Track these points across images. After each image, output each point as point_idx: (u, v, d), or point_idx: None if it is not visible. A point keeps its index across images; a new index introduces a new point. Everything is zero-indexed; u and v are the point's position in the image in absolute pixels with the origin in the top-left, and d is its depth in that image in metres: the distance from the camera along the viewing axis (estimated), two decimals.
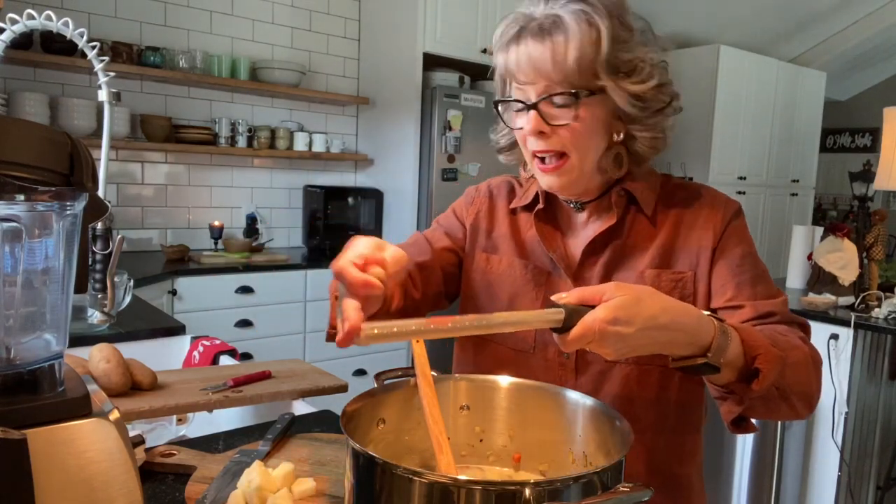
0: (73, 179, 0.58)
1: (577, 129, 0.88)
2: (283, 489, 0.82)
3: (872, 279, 2.70)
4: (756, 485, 2.56)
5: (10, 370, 0.58)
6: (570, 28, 0.85)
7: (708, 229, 0.94)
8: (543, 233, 1.00)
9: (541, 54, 0.86)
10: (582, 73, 0.86)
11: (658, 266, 0.94)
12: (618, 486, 0.58)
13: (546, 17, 0.87)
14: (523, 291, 1.00)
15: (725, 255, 0.94)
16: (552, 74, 0.86)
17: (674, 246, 0.95)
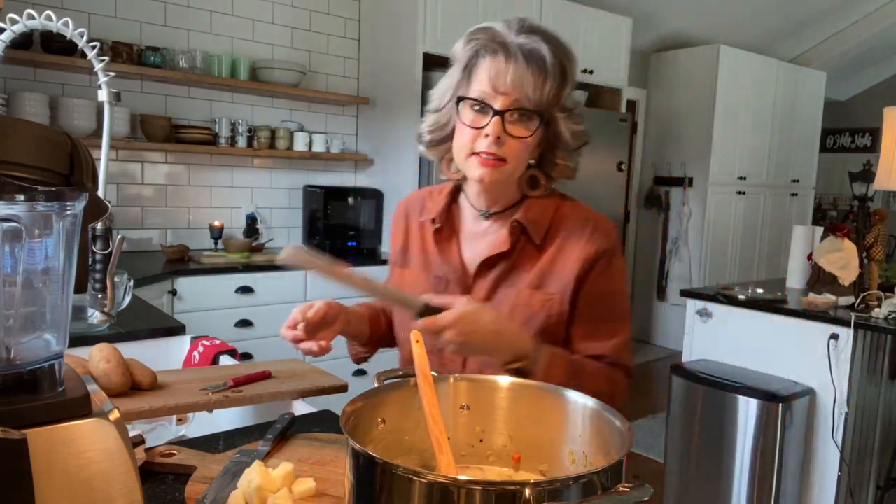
0: (73, 179, 0.58)
1: (524, 144, 1.04)
2: (283, 489, 0.82)
3: (872, 279, 2.70)
4: (756, 485, 2.56)
5: (10, 370, 0.58)
6: (549, 61, 1.02)
7: (579, 261, 1.07)
8: (441, 246, 1.15)
9: (526, 74, 1.01)
10: (547, 101, 1.03)
11: (534, 287, 1.08)
12: (618, 485, 0.58)
13: (528, 47, 1.02)
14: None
15: (586, 291, 1.08)
16: (530, 93, 1.01)
17: (551, 270, 1.09)
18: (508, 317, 1.06)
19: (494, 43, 1.03)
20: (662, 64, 5.62)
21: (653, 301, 5.80)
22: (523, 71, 1.01)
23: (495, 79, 1.01)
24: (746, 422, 2.56)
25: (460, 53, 1.08)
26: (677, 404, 2.77)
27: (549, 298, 1.07)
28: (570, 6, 4.32)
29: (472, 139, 1.04)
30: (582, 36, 4.39)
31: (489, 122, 1.02)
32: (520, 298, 1.08)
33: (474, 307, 0.95)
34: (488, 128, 1.02)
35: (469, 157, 1.05)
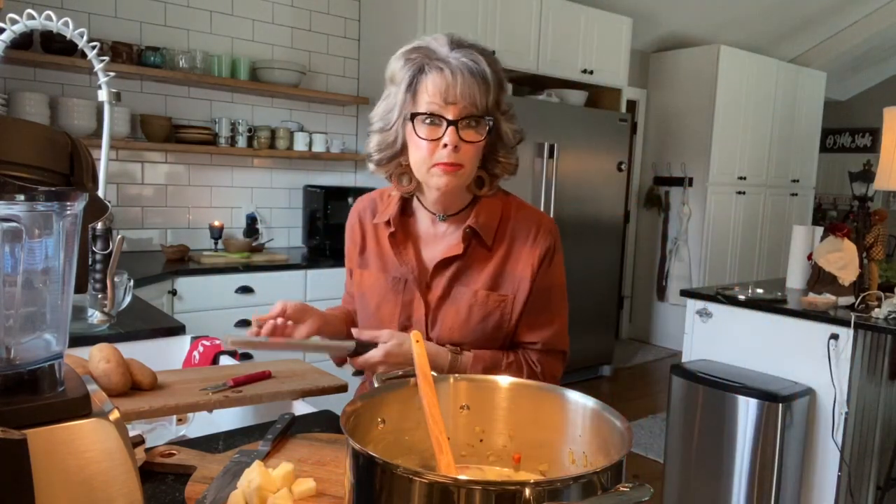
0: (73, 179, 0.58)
1: (477, 148, 1.13)
2: (283, 489, 0.82)
3: (872, 279, 2.70)
4: (756, 485, 2.56)
5: (10, 370, 0.58)
6: (487, 70, 1.11)
7: (528, 264, 1.19)
8: (397, 248, 1.22)
9: (471, 83, 1.09)
10: (491, 105, 1.12)
11: (489, 288, 1.18)
12: (618, 485, 0.58)
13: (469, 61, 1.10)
14: (386, 299, 1.22)
15: (536, 287, 1.19)
16: (477, 100, 1.09)
17: (503, 271, 1.19)
18: (469, 319, 1.18)
19: (435, 60, 1.10)
20: (662, 64, 5.62)
21: (653, 301, 5.80)
22: (470, 82, 1.08)
23: (445, 92, 1.08)
24: (746, 422, 2.56)
25: (400, 74, 1.14)
26: (677, 404, 2.77)
27: (503, 299, 1.18)
28: (570, 6, 4.32)
29: (430, 152, 1.11)
30: (582, 36, 4.40)
31: (445, 133, 1.09)
32: (477, 298, 1.18)
33: (396, 340, 1.11)
34: (446, 137, 1.09)
35: (430, 169, 1.12)
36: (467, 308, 1.18)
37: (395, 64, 1.14)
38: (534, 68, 4.17)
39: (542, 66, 4.21)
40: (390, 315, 1.21)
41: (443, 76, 1.09)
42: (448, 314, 1.19)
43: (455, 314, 1.18)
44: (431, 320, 1.20)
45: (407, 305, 1.21)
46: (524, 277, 1.18)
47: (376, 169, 1.22)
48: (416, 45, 1.14)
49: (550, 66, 4.25)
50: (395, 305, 1.21)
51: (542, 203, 4.11)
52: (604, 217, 4.55)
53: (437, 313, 1.20)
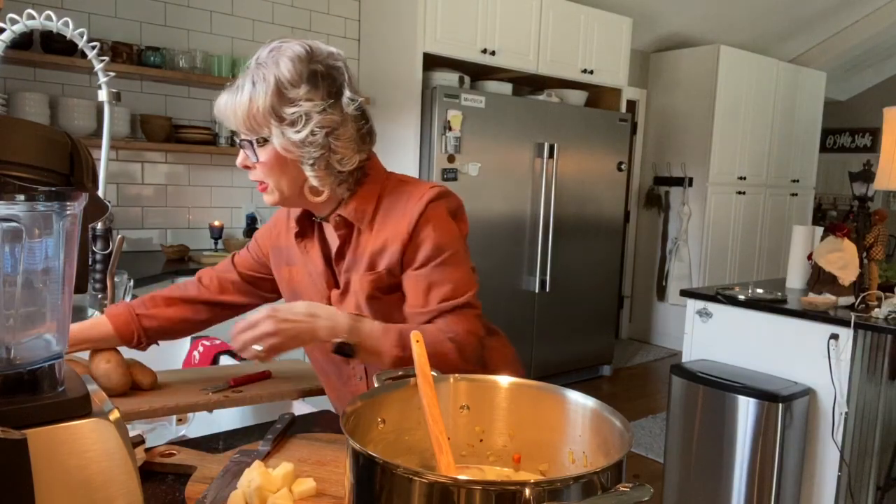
0: (73, 179, 0.58)
1: (264, 165, 1.12)
2: (283, 489, 0.82)
3: (872, 279, 2.70)
4: (756, 485, 2.56)
5: (10, 370, 0.58)
6: (243, 93, 1.08)
7: (397, 238, 1.15)
8: (303, 248, 1.24)
9: (225, 110, 1.11)
10: (252, 125, 1.09)
11: (368, 269, 1.17)
12: (618, 485, 0.58)
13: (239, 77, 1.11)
14: (309, 294, 1.23)
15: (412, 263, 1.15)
16: (237, 125, 1.11)
17: (378, 250, 1.17)
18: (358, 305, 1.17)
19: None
20: (662, 64, 5.62)
21: (653, 301, 5.80)
22: (224, 105, 1.10)
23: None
24: (746, 422, 2.56)
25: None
26: (677, 404, 2.77)
27: (376, 276, 1.16)
28: (570, 6, 4.32)
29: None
30: (582, 36, 4.40)
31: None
32: (361, 283, 1.17)
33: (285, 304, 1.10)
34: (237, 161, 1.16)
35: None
36: (354, 295, 1.18)
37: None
38: (534, 68, 4.17)
39: (542, 66, 4.21)
40: None
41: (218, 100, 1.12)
42: (349, 306, 1.18)
43: (353, 305, 1.18)
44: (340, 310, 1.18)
45: (322, 301, 1.21)
46: (394, 251, 1.15)
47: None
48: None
49: (550, 66, 4.25)
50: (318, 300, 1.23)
51: (542, 203, 4.10)
52: (604, 217, 4.55)
53: (341, 304, 1.20)
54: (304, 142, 1.09)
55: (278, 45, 1.10)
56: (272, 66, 1.08)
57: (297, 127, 1.08)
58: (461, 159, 3.67)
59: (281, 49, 1.09)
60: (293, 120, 1.08)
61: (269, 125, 1.08)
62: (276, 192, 1.15)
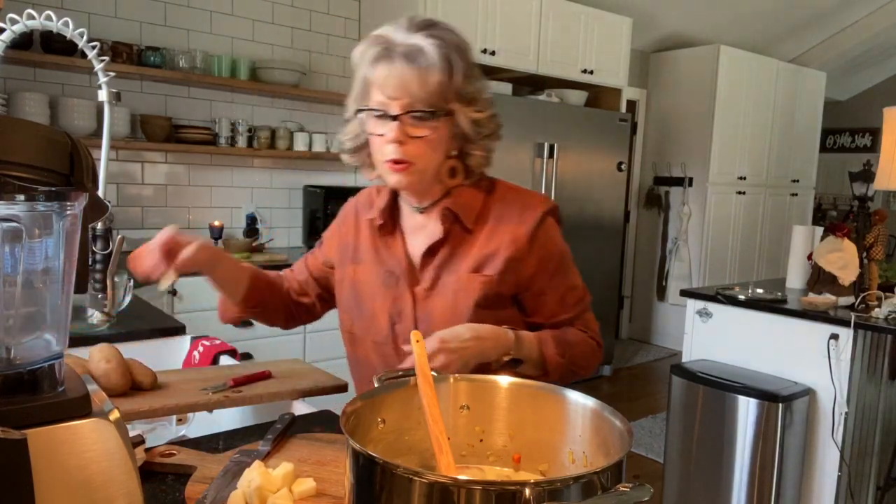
0: (73, 179, 0.58)
1: (428, 142, 1.06)
2: (283, 489, 0.82)
3: (872, 279, 2.70)
4: (756, 485, 2.56)
5: (10, 370, 0.58)
6: (432, 58, 1.04)
7: (512, 242, 1.13)
8: (385, 241, 1.20)
9: (410, 75, 1.03)
10: (438, 96, 1.05)
11: (473, 270, 1.13)
12: (618, 485, 0.58)
13: (410, 45, 1.04)
14: (378, 293, 1.19)
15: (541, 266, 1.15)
16: (418, 94, 1.04)
17: (487, 252, 1.13)
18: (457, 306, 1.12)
19: (386, 49, 1.05)
20: (662, 64, 5.62)
21: (653, 301, 5.80)
22: (405, 71, 1.03)
23: (384, 86, 1.04)
24: (746, 422, 2.56)
25: (357, 64, 1.10)
26: (677, 404, 2.77)
27: (487, 279, 1.12)
28: (570, 6, 4.32)
29: (380, 147, 1.08)
30: (582, 36, 4.40)
31: (390, 129, 1.05)
32: (460, 283, 1.13)
33: (448, 330, 1.03)
34: (388, 134, 1.05)
35: (383, 166, 1.10)
36: (453, 295, 1.13)
37: (356, 52, 1.10)
38: (534, 68, 4.17)
39: (542, 66, 4.21)
40: (381, 309, 1.18)
41: (388, 67, 1.04)
42: (436, 306, 1.14)
43: (443, 304, 1.13)
44: (420, 313, 1.15)
45: (397, 300, 1.17)
46: (509, 257, 1.12)
47: (348, 159, 1.21)
48: (377, 32, 1.09)
49: (550, 66, 4.25)
50: (384, 300, 1.18)
51: None
52: (604, 217, 4.55)
53: (425, 305, 1.15)
54: (481, 122, 1.10)
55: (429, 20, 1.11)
56: (456, 45, 1.08)
57: (477, 106, 1.10)
58: None
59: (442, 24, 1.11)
60: (474, 99, 1.10)
61: (454, 101, 1.07)
62: (421, 171, 1.09)
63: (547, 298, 1.17)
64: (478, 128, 1.11)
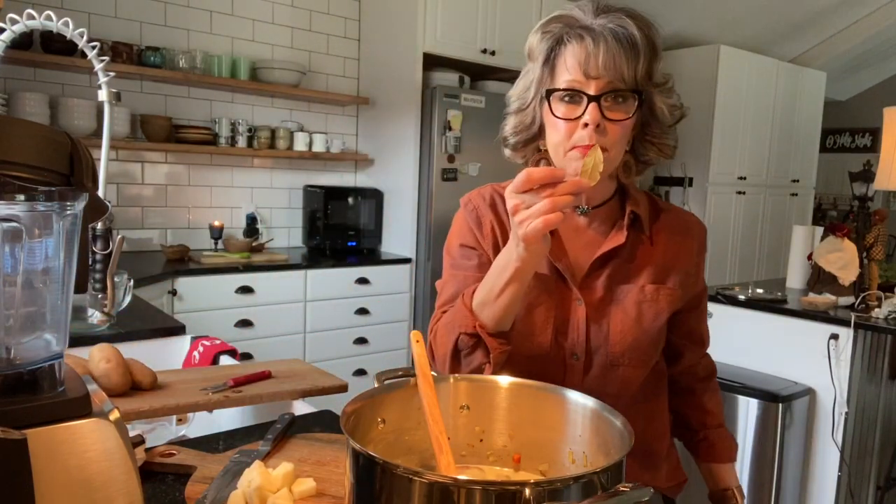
0: (73, 179, 0.58)
1: (625, 126, 0.97)
2: (283, 489, 0.82)
3: (872, 279, 2.70)
4: (756, 485, 2.56)
5: (10, 370, 0.58)
6: (637, 35, 0.96)
7: (690, 256, 1.10)
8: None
9: (617, 52, 0.94)
10: (642, 77, 0.97)
11: (655, 282, 1.06)
12: (618, 485, 0.58)
13: (615, 26, 0.96)
14: (538, 301, 1.04)
15: (698, 287, 1.14)
16: (624, 71, 0.94)
17: (666, 265, 1.07)
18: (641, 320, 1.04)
19: (576, 28, 0.96)
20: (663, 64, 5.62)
21: None
22: (615, 51, 0.94)
23: (585, 64, 0.94)
24: (746, 422, 2.55)
25: (537, 47, 1.00)
26: None
27: (672, 293, 1.06)
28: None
29: (567, 133, 0.96)
30: None
31: (585, 111, 0.94)
32: (645, 294, 1.05)
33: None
34: (586, 116, 0.94)
35: (568, 153, 0.97)
36: (635, 306, 1.03)
37: (533, 38, 1.02)
38: None
39: None
40: (544, 319, 1.04)
41: (583, 46, 0.95)
42: (615, 316, 1.03)
43: (623, 315, 1.03)
44: (594, 324, 1.04)
45: (561, 308, 1.04)
46: (687, 271, 1.08)
47: (511, 154, 1.10)
48: (556, 14, 1.01)
49: None
50: (548, 308, 1.04)
51: None
52: None
53: (599, 316, 1.04)
54: (675, 106, 1.03)
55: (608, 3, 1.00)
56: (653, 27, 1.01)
57: (670, 91, 1.04)
58: (461, 159, 3.67)
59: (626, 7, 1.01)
60: (665, 83, 1.03)
61: (652, 84, 1.01)
62: (612, 161, 0.98)
63: (704, 327, 1.19)
64: (672, 112, 1.03)
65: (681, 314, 1.12)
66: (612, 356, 1.03)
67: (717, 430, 1.26)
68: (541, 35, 1.00)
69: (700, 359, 1.24)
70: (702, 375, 1.24)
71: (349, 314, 3.53)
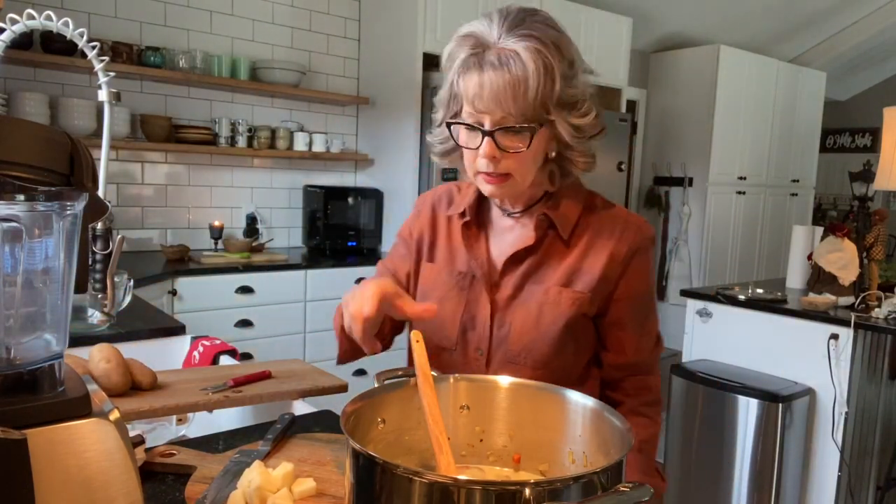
0: (73, 179, 0.58)
1: (525, 156, 0.97)
2: (283, 489, 0.82)
3: (872, 279, 2.70)
4: (756, 485, 2.56)
5: (10, 370, 0.58)
6: (529, 66, 0.91)
7: (609, 259, 1.05)
8: (469, 241, 1.10)
9: (502, 88, 0.92)
10: (536, 108, 0.94)
11: (563, 284, 1.05)
12: (618, 485, 0.58)
13: (503, 51, 0.92)
14: (449, 296, 1.10)
15: (629, 294, 1.07)
16: (511, 108, 0.93)
17: (580, 268, 1.05)
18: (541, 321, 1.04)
19: (475, 56, 0.94)
20: (662, 64, 5.62)
21: None
22: (501, 87, 0.92)
23: (474, 100, 0.94)
24: (746, 422, 2.56)
25: (445, 66, 1.00)
26: (677, 404, 2.77)
27: (579, 296, 1.04)
28: (570, 6, 4.31)
29: (472, 160, 1.00)
30: (582, 36, 4.39)
31: (481, 144, 0.96)
32: (548, 295, 1.04)
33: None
34: (481, 149, 0.96)
35: (475, 176, 1.01)
36: (538, 307, 1.04)
37: (446, 51, 0.99)
38: None
39: None
40: (452, 313, 1.09)
41: (473, 78, 0.94)
42: (517, 315, 1.06)
43: (525, 315, 1.05)
44: (498, 321, 1.07)
45: (471, 304, 1.08)
46: (605, 276, 1.04)
47: (438, 161, 1.11)
48: (467, 30, 0.97)
49: None
50: (457, 304, 1.09)
51: None
52: None
53: (504, 314, 1.07)
54: (584, 127, 0.99)
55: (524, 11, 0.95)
56: (555, 42, 0.94)
57: (579, 110, 0.98)
58: None
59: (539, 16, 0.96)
60: (575, 102, 0.98)
61: (553, 110, 0.96)
62: (519, 184, 1.00)
63: (625, 336, 1.11)
64: (580, 133, 1.00)
65: (600, 318, 1.09)
66: (510, 354, 1.05)
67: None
68: (448, 54, 0.99)
69: (622, 372, 1.15)
70: (630, 391, 1.17)
71: None
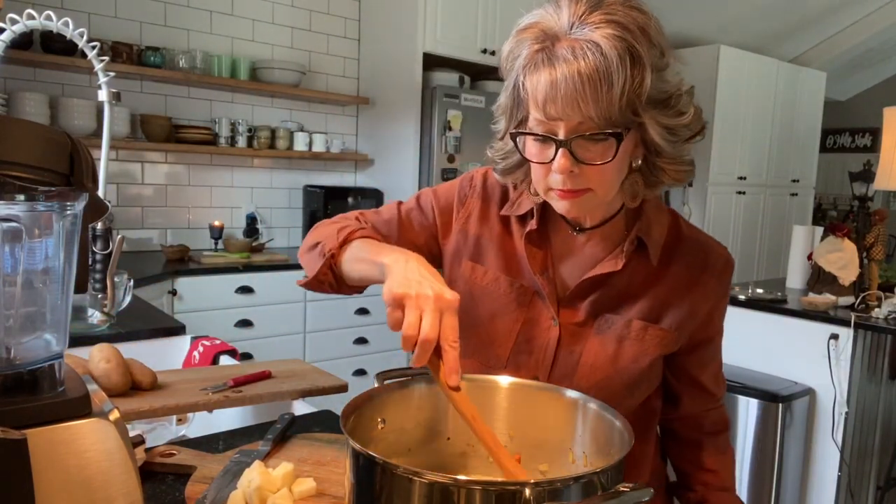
0: (73, 179, 0.58)
1: (608, 167, 0.80)
2: (283, 489, 0.82)
3: (872, 279, 2.70)
4: (756, 485, 2.56)
5: (10, 370, 0.58)
6: (612, 60, 0.74)
7: (703, 297, 0.93)
8: (533, 254, 0.94)
9: (580, 87, 0.74)
10: (622, 108, 0.77)
11: (647, 318, 0.92)
12: (618, 486, 0.58)
13: (578, 41, 0.75)
14: (506, 310, 0.96)
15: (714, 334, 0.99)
16: (591, 110, 0.76)
17: (668, 302, 0.92)
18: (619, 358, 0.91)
19: (538, 50, 0.78)
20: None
21: None
22: (574, 86, 0.74)
23: (545, 104, 0.77)
24: (746, 422, 2.55)
25: (506, 66, 0.84)
26: None
27: (664, 334, 0.92)
28: None
29: (543, 175, 0.83)
30: None
31: (555, 156, 0.79)
32: (630, 330, 0.91)
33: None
34: (554, 164, 0.79)
35: (547, 193, 0.85)
36: (616, 341, 0.91)
37: (505, 49, 0.84)
38: None
39: None
40: (507, 331, 0.95)
41: (542, 78, 0.76)
42: (590, 347, 0.92)
43: (599, 348, 0.91)
44: (565, 351, 0.93)
45: (530, 325, 0.94)
46: (696, 314, 0.93)
47: (501, 178, 0.96)
48: (530, 20, 0.81)
49: None
50: (514, 321, 0.95)
51: None
52: None
53: (572, 343, 0.93)
54: (679, 128, 0.83)
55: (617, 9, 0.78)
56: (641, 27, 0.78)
57: (674, 107, 0.82)
58: (461, 159, 3.67)
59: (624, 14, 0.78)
60: (669, 98, 0.82)
61: (641, 109, 0.79)
62: (600, 198, 0.83)
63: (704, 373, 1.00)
64: (674, 136, 0.83)
65: (678, 357, 0.98)
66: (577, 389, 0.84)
67: (719, 493, 1.05)
68: (510, 48, 0.83)
69: (706, 410, 1.05)
70: (707, 429, 1.06)
71: (349, 314, 3.53)
